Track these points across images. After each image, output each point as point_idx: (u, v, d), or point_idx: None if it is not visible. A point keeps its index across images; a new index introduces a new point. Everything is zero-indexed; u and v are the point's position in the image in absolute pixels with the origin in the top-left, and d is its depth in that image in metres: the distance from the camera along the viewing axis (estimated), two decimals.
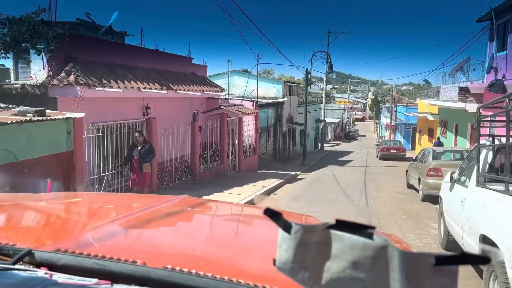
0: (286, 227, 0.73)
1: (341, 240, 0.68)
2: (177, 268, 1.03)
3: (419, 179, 13.08)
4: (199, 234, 1.75)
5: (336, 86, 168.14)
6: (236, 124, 17.42)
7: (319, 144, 41.26)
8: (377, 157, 32.01)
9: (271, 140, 23.98)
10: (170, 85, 12.17)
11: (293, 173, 19.43)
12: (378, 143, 35.15)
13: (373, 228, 0.68)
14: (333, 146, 50.58)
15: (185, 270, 1.03)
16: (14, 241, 1.16)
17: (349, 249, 0.67)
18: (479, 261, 0.63)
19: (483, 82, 17.80)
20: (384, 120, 65.00)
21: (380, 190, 15.26)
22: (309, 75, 24.30)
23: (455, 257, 0.63)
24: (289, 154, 27.95)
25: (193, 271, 1.02)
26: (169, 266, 1.04)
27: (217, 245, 1.52)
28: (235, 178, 15.53)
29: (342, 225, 0.69)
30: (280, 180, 16.05)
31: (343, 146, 50.97)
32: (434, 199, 11.74)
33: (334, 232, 0.69)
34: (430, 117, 28.79)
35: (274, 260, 0.74)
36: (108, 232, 1.48)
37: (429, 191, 12.14)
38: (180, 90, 12.56)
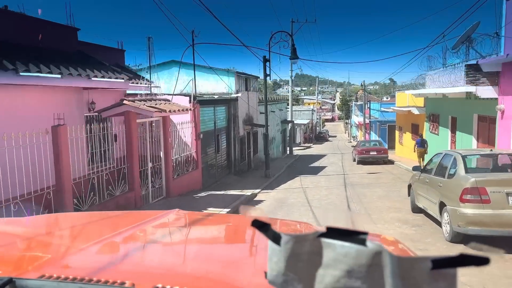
0: (276, 238, 0.72)
1: (334, 249, 0.67)
2: (167, 287, 1.03)
3: (442, 204, 8.00)
4: (189, 250, 1.72)
5: (304, 89, 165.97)
6: (160, 127, 11.94)
7: (288, 148, 36.20)
8: (354, 161, 27.19)
9: (223, 148, 18.59)
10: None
11: (250, 192, 14.10)
12: (354, 145, 30.27)
13: (365, 233, 0.66)
14: (304, 149, 45.68)
15: None
16: None
17: (342, 258, 0.66)
18: (478, 262, 0.62)
19: (497, 55, 13.06)
20: (356, 119, 60.98)
21: (374, 218, 10.12)
22: (268, 63, 19.06)
23: (452, 259, 0.62)
24: (250, 163, 22.64)
25: None
26: (160, 286, 1.04)
27: (207, 261, 1.49)
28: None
29: (334, 233, 0.67)
30: (226, 210, 10.70)
31: (315, 149, 46.19)
32: (467, 239, 6.93)
33: (325, 241, 0.68)
34: (415, 111, 24.15)
35: (266, 273, 0.73)
36: (94, 253, 1.47)
37: (466, 228, 7.06)
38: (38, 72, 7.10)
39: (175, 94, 14.66)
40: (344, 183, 17.03)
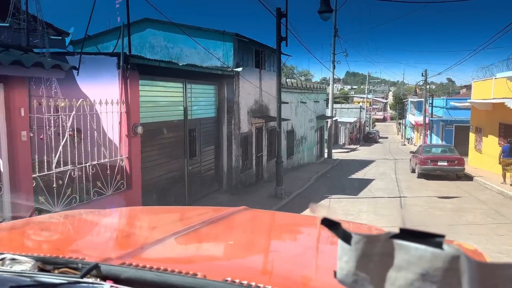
0: (346, 237, 0.72)
1: (407, 251, 0.65)
2: (237, 281, 1.05)
3: None
4: (259, 246, 1.76)
5: (354, 87, 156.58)
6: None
7: (326, 151, 28.91)
8: (413, 172, 19.59)
9: (206, 151, 11.84)
10: None
11: None
12: (414, 151, 22.41)
13: (442, 236, 0.65)
14: (347, 152, 38.03)
15: (245, 283, 1.05)
16: (82, 255, 1.22)
17: (417, 260, 0.64)
18: None
19: None
20: (412, 118, 52.36)
21: None
22: (284, 20, 12.10)
23: None
24: (261, 173, 15.76)
25: (253, 284, 1.04)
26: (229, 279, 1.06)
27: (276, 258, 1.53)
28: None
29: (407, 234, 0.66)
30: None
31: (361, 152, 38.43)
32: None
33: (398, 242, 0.66)
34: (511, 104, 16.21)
35: (335, 272, 0.73)
36: (169, 245, 1.54)
37: None
38: None
39: (89, 53, 8.08)
40: (402, 220, 9.78)
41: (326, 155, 28.86)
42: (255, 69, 14.85)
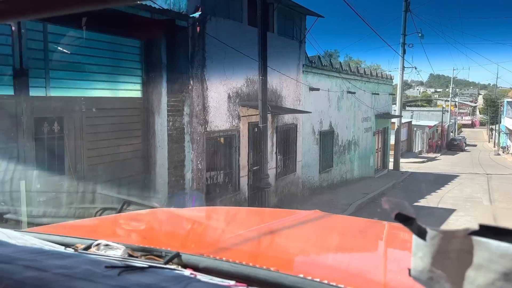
0: (421, 233, 0.68)
1: (488, 248, 0.62)
2: (309, 278, 1.08)
3: None
4: (331, 246, 1.82)
5: (438, 90, 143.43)
6: None
7: (392, 161, 22.09)
8: None
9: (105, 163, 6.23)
10: None
11: None
12: None
13: None
14: (423, 162, 30.45)
15: (317, 280, 1.07)
16: (166, 245, 1.33)
17: (499, 259, 0.61)
18: None
19: None
20: (509, 122, 42.90)
21: None
22: None
23: None
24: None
25: (325, 281, 1.06)
26: (301, 275, 1.09)
27: (348, 257, 1.59)
28: None
29: (488, 231, 0.63)
30: None
31: (441, 163, 30.71)
32: None
33: (478, 239, 0.63)
34: None
35: (409, 270, 0.70)
36: (245, 240, 1.64)
37: None
38: None
39: None
40: None
41: (391, 166, 22.04)
42: (248, 27, 9.01)
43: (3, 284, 0.84)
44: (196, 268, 1.16)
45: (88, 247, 1.28)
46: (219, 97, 8.15)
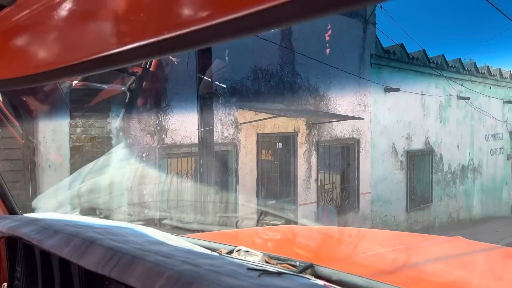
0: None
1: None
2: None
3: None
4: (472, 273, 1.74)
5: None
6: None
7: None
8: None
9: None
10: None
11: None
12: None
13: None
14: None
15: None
16: (299, 257, 1.46)
17: None
18: None
19: None
20: None
21: None
22: None
23: None
24: None
25: None
26: None
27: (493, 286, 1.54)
28: None
29: None
30: None
31: None
32: None
33: None
34: None
35: None
36: (381, 258, 1.69)
37: None
38: None
39: None
40: None
41: None
42: None
43: (167, 273, 0.98)
44: (329, 280, 1.19)
45: (230, 252, 1.41)
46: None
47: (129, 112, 5.11)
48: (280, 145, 6.75)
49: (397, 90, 8.61)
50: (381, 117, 8.53)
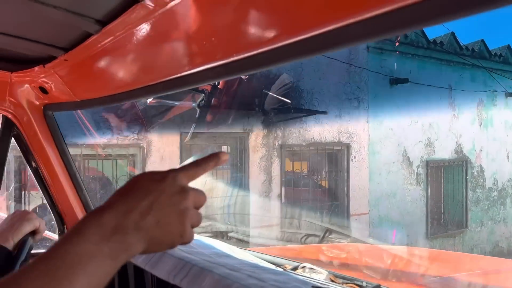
0: None
1: None
2: None
3: None
4: None
5: None
6: None
7: None
8: None
9: None
10: None
11: None
12: None
13: None
14: None
15: None
16: (365, 277, 1.47)
17: None
18: None
19: None
20: None
21: None
22: None
23: None
24: None
25: None
26: None
27: None
28: None
29: None
30: None
31: None
32: None
33: None
34: None
35: None
36: (452, 284, 1.70)
37: None
38: None
39: None
40: None
41: None
42: None
43: (234, 287, 1.00)
44: None
45: (295, 268, 1.39)
46: None
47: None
48: (226, 149, 5.24)
49: (405, 81, 6.66)
50: (385, 117, 6.64)
